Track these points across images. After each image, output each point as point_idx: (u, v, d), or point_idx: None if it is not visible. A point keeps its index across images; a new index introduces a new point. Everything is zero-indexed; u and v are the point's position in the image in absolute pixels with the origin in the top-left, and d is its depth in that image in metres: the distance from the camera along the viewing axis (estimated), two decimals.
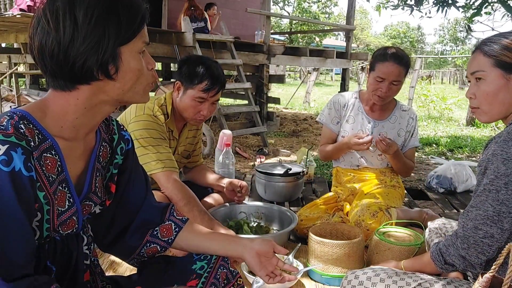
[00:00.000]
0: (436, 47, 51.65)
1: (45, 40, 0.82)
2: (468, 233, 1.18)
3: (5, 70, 6.59)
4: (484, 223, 1.14)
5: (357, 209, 2.17)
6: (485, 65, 1.23)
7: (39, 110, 0.87)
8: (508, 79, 1.20)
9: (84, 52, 0.82)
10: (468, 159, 4.66)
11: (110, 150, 1.06)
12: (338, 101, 2.41)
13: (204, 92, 1.94)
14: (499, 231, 1.14)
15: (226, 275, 1.10)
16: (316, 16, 26.70)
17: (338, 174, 2.54)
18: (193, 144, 2.31)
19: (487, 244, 1.15)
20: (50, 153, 0.86)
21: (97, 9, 0.82)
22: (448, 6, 5.00)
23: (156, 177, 1.91)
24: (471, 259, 1.18)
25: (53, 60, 0.83)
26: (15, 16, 4.43)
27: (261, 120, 5.80)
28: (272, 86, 10.57)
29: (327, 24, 12.02)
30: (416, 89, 9.47)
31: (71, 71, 0.83)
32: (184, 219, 1.16)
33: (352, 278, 1.34)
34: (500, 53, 1.21)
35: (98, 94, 0.89)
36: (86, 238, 1.01)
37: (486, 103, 1.25)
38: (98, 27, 0.82)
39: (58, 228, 0.90)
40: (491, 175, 1.13)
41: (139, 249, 1.11)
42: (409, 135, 2.39)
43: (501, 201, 1.11)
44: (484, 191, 1.14)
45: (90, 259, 1.03)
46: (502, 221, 1.13)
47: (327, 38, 28.13)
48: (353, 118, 2.38)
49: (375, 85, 2.19)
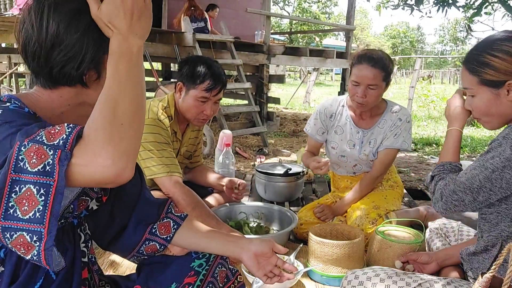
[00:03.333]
0: (436, 47, 51.67)
1: (27, 41, 0.82)
2: (445, 192, 1.26)
3: (5, 70, 6.60)
4: (462, 191, 1.21)
5: (355, 216, 2.13)
6: (472, 83, 1.25)
7: (28, 100, 0.86)
8: (497, 94, 1.21)
9: (63, 60, 0.82)
10: (468, 159, 4.65)
11: None
12: (324, 112, 2.31)
13: (206, 91, 1.94)
14: (471, 200, 1.20)
15: (226, 273, 1.10)
16: (316, 16, 26.72)
17: (335, 180, 2.50)
18: (194, 144, 2.31)
19: (455, 204, 1.24)
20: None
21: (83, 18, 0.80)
22: (448, 6, 4.99)
23: (161, 181, 1.91)
24: (436, 204, 1.30)
25: (34, 61, 0.83)
26: (15, 16, 4.44)
27: (261, 120, 5.80)
28: (272, 86, 10.56)
29: (327, 24, 12.02)
30: (416, 89, 9.45)
31: (50, 73, 0.83)
32: (182, 216, 1.16)
33: (352, 278, 1.34)
34: (482, 71, 1.21)
35: (80, 95, 0.88)
36: (83, 235, 1.01)
37: (484, 116, 1.27)
38: (82, 35, 0.81)
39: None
40: (496, 156, 1.15)
41: (138, 247, 1.11)
42: (392, 135, 2.19)
43: (490, 179, 1.15)
44: (481, 166, 1.18)
45: (88, 256, 1.03)
46: (479, 193, 1.18)
47: (327, 38, 28.13)
48: (341, 128, 2.28)
49: (352, 90, 2.09)
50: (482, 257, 1.28)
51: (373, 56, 2.04)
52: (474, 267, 1.31)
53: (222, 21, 6.20)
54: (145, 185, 1.15)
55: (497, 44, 1.20)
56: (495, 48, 1.20)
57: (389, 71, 2.08)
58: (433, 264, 1.58)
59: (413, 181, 3.64)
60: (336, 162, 2.39)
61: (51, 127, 0.73)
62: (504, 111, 1.23)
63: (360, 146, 2.25)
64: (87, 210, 1.02)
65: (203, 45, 5.37)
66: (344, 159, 2.32)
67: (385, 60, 2.06)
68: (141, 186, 1.13)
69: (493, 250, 1.25)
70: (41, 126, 0.74)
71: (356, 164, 2.33)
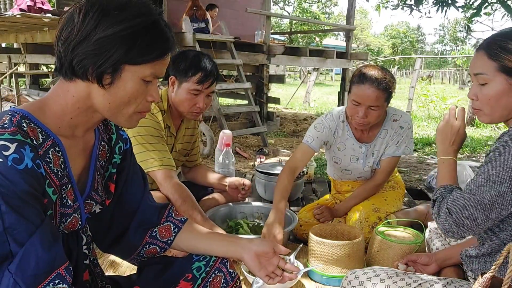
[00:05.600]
0: (436, 47, 51.68)
1: (65, 27, 0.86)
2: (455, 209, 1.17)
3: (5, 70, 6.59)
4: (474, 207, 1.14)
5: (355, 220, 2.12)
6: (489, 69, 1.20)
7: (38, 109, 0.88)
8: (511, 84, 1.17)
9: (87, 53, 0.84)
10: (468, 159, 4.65)
11: (108, 150, 1.06)
12: (329, 128, 2.17)
13: (198, 84, 1.96)
14: (484, 218, 1.13)
15: (224, 277, 1.09)
16: (316, 16, 26.70)
17: (336, 183, 2.47)
18: (190, 142, 2.31)
19: (467, 224, 1.16)
20: (54, 149, 0.87)
21: (124, 25, 0.84)
22: (447, 6, 5.00)
23: (153, 174, 1.91)
24: (444, 223, 1.20)
25: (63, 47, 0.86)
26: (15, 16, 4.44)
27: (261, 120, 5.80)
28: (272, 86, 10.56)
29: (327, 24, 12.02)
30: (416, 89, 9.46)
31: (70, 62, 0.86)
32: (183, 220, 1.16)
33: (352, 278, 1.34)
34: (505, 57, 1.17)
35: (89, 97, 0.90)
36: (85, 237, 1.02)
37: (488, 106, 1.22)
38: (114, 40, 0.84)
39: (60, 225, 0.91)
40: (498, 167, 1.11)
41: (138, 250, 1.11)
42: (393, 143, 2.16)
43: (502, 193, 1.10)
44: (488, 181, 1.12)
45: (89, 258, 1.03)
46: (491, 210, 1.12)
47: (327, 38, 28.13)
48: (344, 144, 2.21)
49: (352, 109, 2.00)
50: (484, 260, 1.28)
51: (376, 76, 1.94)
52: (474, 268, 1.31)
53: (222, 21, 6.20)
54: (147, 190, 1.16)
55: None
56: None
57: (392, 91, 2.01)
58: (433, 265, 1.58)
59: (413, 181, 3.64)
60: (340, 174, 2.37)
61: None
62: (511, 105, 1.20)
63: (364, 159, 2.21)
64: (89, 213, 1.02)
65: (203, 45, 5.37)
66: (348, 172, 2.31)
67: (388, 81, 1.97)
68: (143, 191, 1.14)
69: (496, 255, 1.23)
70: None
71: (361, 176, 2.31)
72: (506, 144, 1.12)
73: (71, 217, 0.93)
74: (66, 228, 0.93)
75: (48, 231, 0.79)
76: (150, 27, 0.87)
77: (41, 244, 0.77)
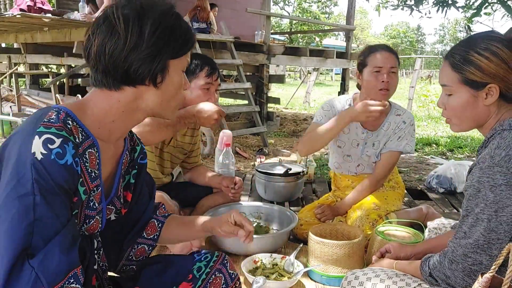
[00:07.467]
0: (436, 47, 51.66)
1: (108, 40, 0.86)
2: (457, 259, 1.14)
3: (5, 70, 6.59)
4: (474, 252, 1.10)
5: (355, 217, 2.13)
6: (453, 80, 1.18)
7: (79, 110, 0.89)
8: (476, 96, 1.16)
9: (142, 59, 0.86)
10: (468, 159, 4.66)
11: (130, 160, 1.09)
12: (335, 106, 2.26)
13: (208, 77, 2.06)
14: (487, 258, 1.10)
15: (224, 278, 1.10)
16: (316, 16, 26.70)
17: (336, 179, 2.49)
18: (191, 143, 2.31)
19: (476, 270, 1.11)
20: (91, 150, 0.89)
21: (162, 23, 0.87)
22: (448, 6, 5.00)
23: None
24: (457, 280, 1.14)
25: (111, 60, 0.86)
26: (15, 16, 4.43)
27: (261, 120, 5.80)
28: (272, 86, 10.56)
29: (327, 24, 12.02)
30: (416, 89, 9.46)
31: (125, 73, 0.87)
32: (166, 215, 1.20)
33: (352, 279, 1.34)
34: (466, 69, 1.14)
35: (138, 99, 0.92)
36: (96, 243, 1.03)
37: (455, 117, 1.22)
38: (160, 40, 0.87)
39: (83, 226, 0.92)
40: (481, 203, 1.08)
41: (126, 253, 1.13)
42: (395, 138, 2.20)
43: (492, 228, 1.08)
44: (477, 220, 1.10)
45: (98, 264, 1.04)
46: (491, 248, 1.09)
47: (327, 38, 28.10)
48: (348, 127, 2.24)
49: (374, 79, 2.05)
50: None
51: (385, 44, 2.14)
52: None
53: (222, 21, 6.20)
54: (151, 205, 1.18)
55: (486, 43, 1.13)
56: (483, 47, 1.13)
57: (398, 60, 2.16)
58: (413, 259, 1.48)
59: (413, 181, 3.64)
60: (340, 162, 2.39)
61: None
62: (478, 115, 1.18)
63: (363, 146, 2.25)
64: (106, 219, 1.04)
65: (203, 45, 5.37)
66: (349, 158, 2.33)
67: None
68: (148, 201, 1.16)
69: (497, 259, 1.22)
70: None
71: (359, 165, 2.33)
72: (480, 179, 1.09)
73: (94, 219, 0.94)
74: (87, 230, 0.94)
75: (71, 232, 0.81)
76: (177, 19, 0.91)
77: (64, 244, 0.78)
